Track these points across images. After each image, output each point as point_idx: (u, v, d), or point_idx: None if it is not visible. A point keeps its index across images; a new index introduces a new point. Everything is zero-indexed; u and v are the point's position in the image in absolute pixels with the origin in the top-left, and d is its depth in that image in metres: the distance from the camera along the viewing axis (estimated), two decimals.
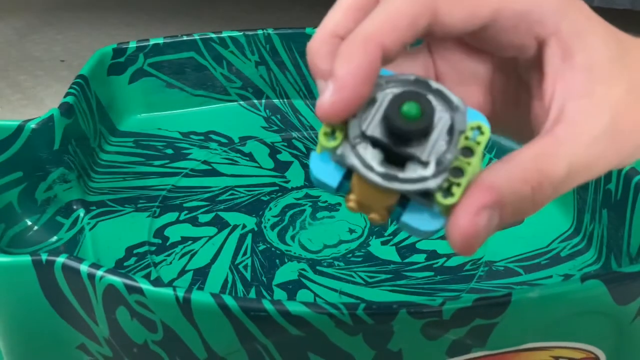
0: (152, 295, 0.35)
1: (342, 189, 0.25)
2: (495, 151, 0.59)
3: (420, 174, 0.23)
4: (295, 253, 0.50)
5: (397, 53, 0.25)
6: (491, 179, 0.24)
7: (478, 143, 0.24)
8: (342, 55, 0.24)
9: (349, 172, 0.24)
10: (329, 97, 0.23)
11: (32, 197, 0.50)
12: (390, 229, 0.52)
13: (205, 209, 0.54)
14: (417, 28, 0.25)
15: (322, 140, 0.24)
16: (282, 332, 0.35)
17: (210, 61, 0.62)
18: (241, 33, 0.62)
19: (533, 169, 0.24)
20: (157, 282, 0.36)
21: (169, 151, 0.60)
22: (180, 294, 0.35)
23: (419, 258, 0.49)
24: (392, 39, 0.24)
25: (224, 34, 0.62)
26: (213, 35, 0.62)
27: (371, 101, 0.24)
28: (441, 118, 0.24)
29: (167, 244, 0.50)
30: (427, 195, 0.24)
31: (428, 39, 0.29)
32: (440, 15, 0.25)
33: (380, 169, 0.23)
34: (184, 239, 0.51)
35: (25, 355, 0.42)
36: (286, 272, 0.48)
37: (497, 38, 0.27)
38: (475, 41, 0.28)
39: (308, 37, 0.62)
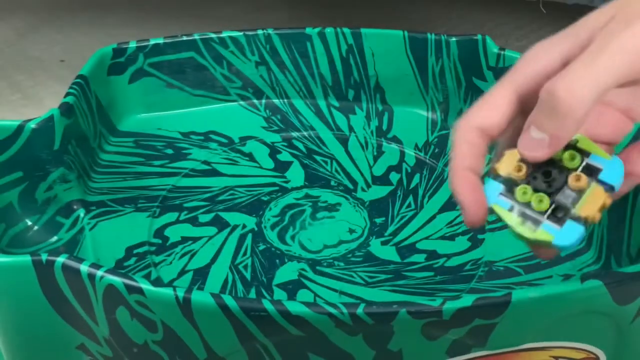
0: (152, 296, 0.35)
1: None
2: None
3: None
4: (295, 253, 0.50)
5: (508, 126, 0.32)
6: None
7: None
8: (455, 185, 0.32)
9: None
10: (465, 217, 0.32)
11: (32, 197, 0.50)
12: (390, 229, 0.52)
13: (205, 209, 0.54)
14: (514, 104, 0.32)
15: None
16: (282, 332, 0.35)
17: (210, 61, 0.62)
18: (241, 33, 0.62)
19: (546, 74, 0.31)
20: (157, 282, 0.36)
21: (169, 151, 0.59)
22: (180, 294, 0.35)
23: (419, 258, 0.49)
24: (493, 125, 0.32)
25: (224, 34, 0.62)
26: (213, 35, 0.62)
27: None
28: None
29: (167, 244, 0.50)
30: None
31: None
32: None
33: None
34: (184, 239, 0.51)
35: (25, 355, 0.42)
36: (286, 272, 0.48)
37: None
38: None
39: (308, 37, 0.62)
